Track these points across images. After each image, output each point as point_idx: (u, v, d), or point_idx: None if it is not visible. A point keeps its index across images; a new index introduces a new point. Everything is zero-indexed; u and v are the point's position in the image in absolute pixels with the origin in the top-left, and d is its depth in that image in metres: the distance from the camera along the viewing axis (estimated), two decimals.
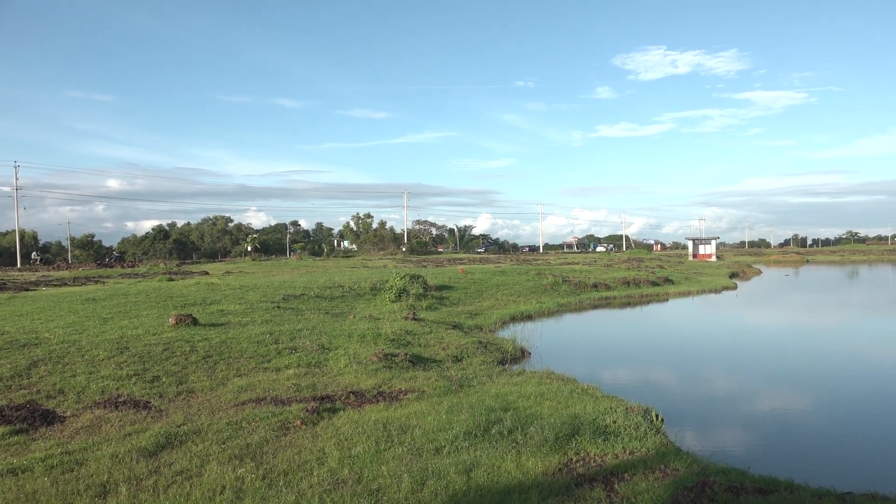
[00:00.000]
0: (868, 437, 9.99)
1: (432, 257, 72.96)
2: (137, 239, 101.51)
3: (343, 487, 6.53)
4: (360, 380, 11.77)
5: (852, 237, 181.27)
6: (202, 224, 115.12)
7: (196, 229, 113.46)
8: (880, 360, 16.29)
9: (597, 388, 11.48)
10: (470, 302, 27.16)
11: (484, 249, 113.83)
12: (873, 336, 21.04)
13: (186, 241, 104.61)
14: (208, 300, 21.91)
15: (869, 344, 19.15)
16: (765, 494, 6.19)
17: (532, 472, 6.93)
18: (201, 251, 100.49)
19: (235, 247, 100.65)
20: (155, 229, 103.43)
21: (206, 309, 19.88)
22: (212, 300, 21.96)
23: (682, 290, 38.07)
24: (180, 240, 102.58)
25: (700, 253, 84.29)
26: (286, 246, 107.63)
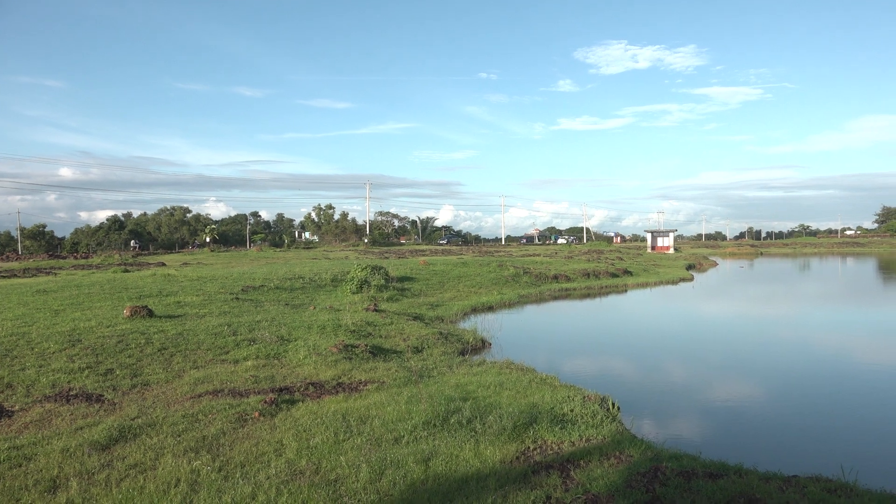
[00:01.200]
0: (815, 422, 10.32)
1: (394, 249, 72.81)
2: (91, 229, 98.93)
3: (301, 478, 6.50)
4: (320, 371, 11.71)
5: (804, 230, 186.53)
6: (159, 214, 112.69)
7: (153, 220, 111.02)
8: (827, 349, 16.83)
9: (555, 378, 11.62)
10: (431, 293, 27.19)
11: (446, 241, 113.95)
12: (821, 326, 21.72)
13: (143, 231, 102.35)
14: (165, 292, 21.50)
15: (817, 334, 19.76)
16: (715, 478, 6.36)
17: (490, 461, 6.99)
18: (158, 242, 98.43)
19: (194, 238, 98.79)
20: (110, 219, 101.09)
21: (162, 300, 19.52)
22: (168, 292, 21.56)
23: (641, 281, 38.70)
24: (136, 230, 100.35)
25: (658, 245, 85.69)
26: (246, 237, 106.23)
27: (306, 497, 6.02)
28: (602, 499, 5.85)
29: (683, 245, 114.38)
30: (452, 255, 55.02)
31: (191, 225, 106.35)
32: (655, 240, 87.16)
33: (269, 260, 45.00)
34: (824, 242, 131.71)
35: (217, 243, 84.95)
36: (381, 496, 6.06)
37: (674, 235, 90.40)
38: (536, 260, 46.10)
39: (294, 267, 34.04)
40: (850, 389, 12.48)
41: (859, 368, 14.43)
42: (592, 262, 45.81)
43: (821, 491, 6.21)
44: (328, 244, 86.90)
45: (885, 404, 11.33)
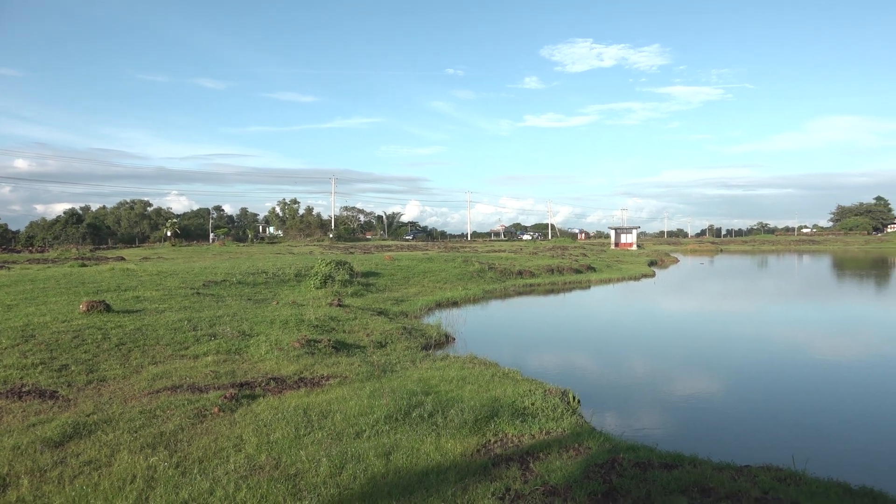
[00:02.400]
0: (769, 414, 10.59)
1: (360, 244, 72.44)
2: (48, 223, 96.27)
3: (260, 473, 6.45)
4: (282, 366, 11.62)
5: (763, 228, 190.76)
6: (119, 208, 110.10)
7: (112, 213, 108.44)
8: (782, 344, 17.28)
9: (518, 372, 11.73)
10: (396, 288, 27.16)
11: (412, 237, 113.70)
12: (776, 321, 22.28)
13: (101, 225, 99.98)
14: (123, 286, 21.07)
15: (772, 329, 20.27)
16: (670, 469, 6.50)
17: (451, 454, 7.03)
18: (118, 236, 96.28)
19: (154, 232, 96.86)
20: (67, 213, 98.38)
21: (120, 295, 19.12)
22: (127, 286, 21.12)
23: (604, 277, 39.20)
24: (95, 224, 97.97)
25: (622, 242, 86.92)
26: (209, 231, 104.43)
27: (265, 492, 5.98)
28: (560, 490, 5.93)
29: (646, 242, 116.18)
30: (418, 250, 54.96)
31: (151, 219, 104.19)
32: (619, 236, 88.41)
33: (231, 255, 44.39)
34: (782, 240, 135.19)
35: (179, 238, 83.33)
36: (341, 490, 6.05)
37: (637, 232, 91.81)
38: (501, 256, 46.35)
39: (257, 262, 33.65)
40: (803, 382, 12.83)
41: (813, 362, 14.84)
42: (557, 259, 46.24)
43: (771, 479, 6.39)
44: (293, 239, 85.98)
45: (836, 396, 11.68)
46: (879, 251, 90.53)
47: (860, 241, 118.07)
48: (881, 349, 16.42)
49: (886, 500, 6.08)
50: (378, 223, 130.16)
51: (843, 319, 22.70)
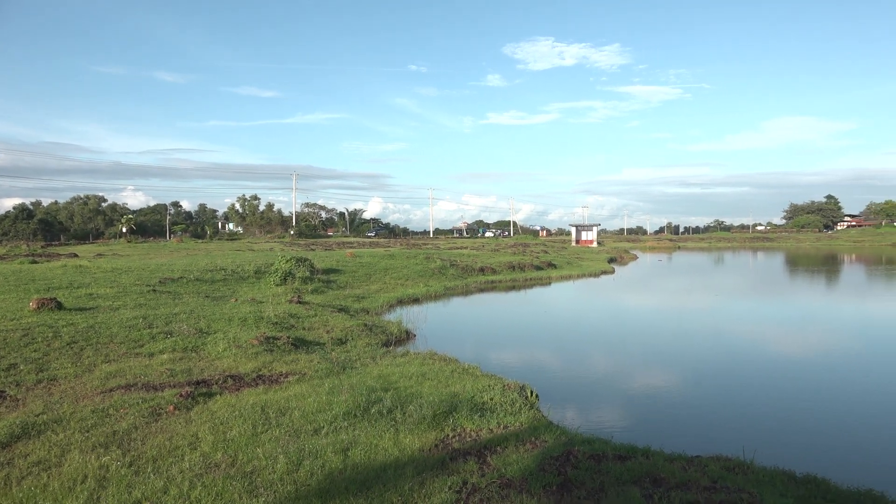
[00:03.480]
0: (722, 406, 10.88)
1: (321, 241, 71.90)
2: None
3: (216, 471, 6.39)
4: (240, 363, 11.49)
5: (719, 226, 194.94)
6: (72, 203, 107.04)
7: (65, 209, 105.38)
8: (735, 339, 17.73)
9: (477, 368, 11.81)
10: (358, 285, 27.05)
11: (374, 233, 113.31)
12: (731, 317, 22.84)
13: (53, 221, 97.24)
14: (76, 283, 20.55)
15: (726, 324, 20.78)
16: (623, 460, 6.64)
17: (409, 449, 7.06)
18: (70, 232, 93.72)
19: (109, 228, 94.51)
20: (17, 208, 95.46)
21: (73, 293, 18.65)
22: (80, 283, 20.61)
23: (564, 273, 39.64)
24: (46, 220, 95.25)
25: (582, 239, 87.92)
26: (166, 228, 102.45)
27: (221, 489, 5.93)
28: (516, 482, 6.01)
29: (606, 239, 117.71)
30: (380, 247, 54.76)
31: (106, 215, 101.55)
32: (579, 234, 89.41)
33: (189, 251, 43.61)
34: (737, 237, 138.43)
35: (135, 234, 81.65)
36: (297, 487, 6.03)
37: (597, 230, 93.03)
38: (463, 253, 46.50)
39: (216, 259, 33.14)
40: (754, 376, 13.19)
41: (763, 356, 15.27)
42: (518, 255, 46.57)
43: (720, 469, 6.58)
44: (253, 236, 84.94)
45: (785, 389, 12.04)
46: (829, 248, 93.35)
47: (812, 238, 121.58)
48: (828, 344, 16.97)
49: (828, 486, 6.31)
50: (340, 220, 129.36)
51: (794, 315, 23.38)
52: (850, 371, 13.47)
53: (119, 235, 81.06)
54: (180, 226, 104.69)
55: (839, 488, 6.29)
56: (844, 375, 13.05)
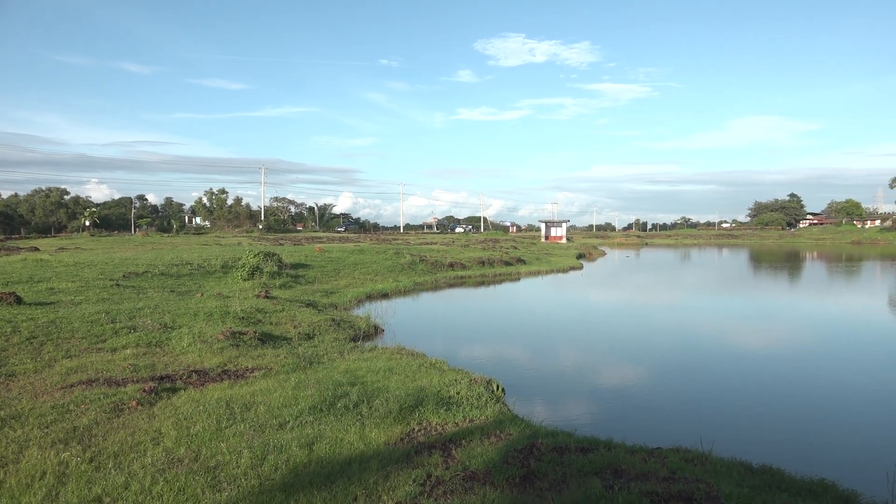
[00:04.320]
0: (684, 399, 11.09)
1: (290, 236, 71.34)
2: None
3: (179, 466, 6.34)
4: (205, 358, 11.38)
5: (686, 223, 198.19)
6: (33, 196, 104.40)
7: (26, 201, 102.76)
8: (699, 333, 18.08)
9: (444, 362, 11.87)
10: (326, 280, 26.92)
11: (344, 228, 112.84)
12: (694, 312, 23.26)
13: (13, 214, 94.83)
14: (36, 278, 20.12)
15: (690, 318, 21.16)
16: (585, 452, 6.75)
17: (374, 443, 7.09)
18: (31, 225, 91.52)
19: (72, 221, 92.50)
20: None
21: (32, 287, 18.27)
22: (40, 278, 20.19)
23: (533, 269, 39.92)
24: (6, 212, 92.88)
25: (552, 235, 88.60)
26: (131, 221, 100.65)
27: (183, 484, 5.89)
28: (480, 475, 6.07)
29: (576, 235, 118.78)
30: (350, 242, 54.58)
31: (69, 208, 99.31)
32: (549, 230, 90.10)
33: (155, 245, 42.95)
34: (703, 234, 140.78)
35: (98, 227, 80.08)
36: (262, 481, 6.01)
37: (566, 226, 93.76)
38: (433, 248, 46.54)
39: (182, 253, 32.68)
40: (715, 369, 13.46)
41: (724, 350, 15.59)
42: (488, 251, 46.77)
43: (679, 460, 6.73)
44: (220, 230, 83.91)
45: (744, 382, 12.30)
46: (792, 245, 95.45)
47: (775, 235, 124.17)
48: (786, 339, 17.38)
49: (783, 476, 6.49)
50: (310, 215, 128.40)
51: (754, 311, 23.88)
52: (807, 364, 13.83)
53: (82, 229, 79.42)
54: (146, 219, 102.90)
55: (793, 478, 6.47)
56: (801, 369, 13.39)
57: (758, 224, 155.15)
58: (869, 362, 14.05)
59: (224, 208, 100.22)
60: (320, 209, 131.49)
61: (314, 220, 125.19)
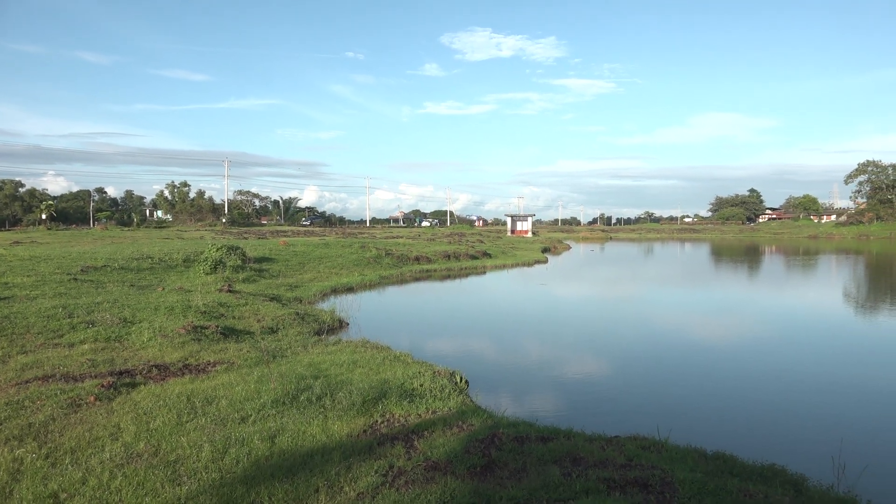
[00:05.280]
0: (640, 389, 11.31)
1: (255, 229, 70.54)
2: None
3: (138, 461, 6.28)
4: (166, 353, 11.25)
5: (649, 217, 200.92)
6: None
7: None
8: (660, 325, 18.42)
9: (409, 355, 11.91)
10: (291, 274, 26.73)
11: (310, 222, 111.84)
12: (655, 304, 23.69)
13: None
14: None
15: (651, 311, 21.54)
16: (545, 441, 6.87)
17: (337, 435, 7.11)
18: None
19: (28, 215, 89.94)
20: None
21: None
22: None
23: (499, 263, 40.17)
24: None
25: (518, 229, 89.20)
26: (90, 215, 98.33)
27: (142, 479, 5.84)
28: (441, 465, 6.14)
29: (541, 229, 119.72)
30: (315, 236, 54.19)
31: (24, 200, 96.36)
32: (515, 224, 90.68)
33: (115, 239, 42.08)
34: (666, 228, 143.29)
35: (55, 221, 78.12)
36: (223, 474, 5.99)
37: (532, 220, 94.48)
38: (399, 242, 46.49)
39: (143, 247, 32.11)
40: (673, 359, 13.76)
41: (685, 341, 15.93)
42: (454, 245, 46.90)
43: (636, 448, 6.89)
44: (182, 224, 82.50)
45: (702, 371, 12.60)
46: (752, 239, 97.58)
47: (735, 230, 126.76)
48: (743, 330, 17.82)
49: (735, 461, 6.70)
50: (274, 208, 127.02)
51: (713, 303, 24.42)
52: (762, 354, 14.20)
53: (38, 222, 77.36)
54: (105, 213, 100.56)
55: (745, 463, 6.68)
56: (756, 359, 13.74)
57: (719, 219, 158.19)
58: (819, 352, 14.49)
59: (186, 202, 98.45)
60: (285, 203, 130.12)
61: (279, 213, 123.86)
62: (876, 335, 16.91)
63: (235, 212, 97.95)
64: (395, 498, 5.42)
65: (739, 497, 5.55)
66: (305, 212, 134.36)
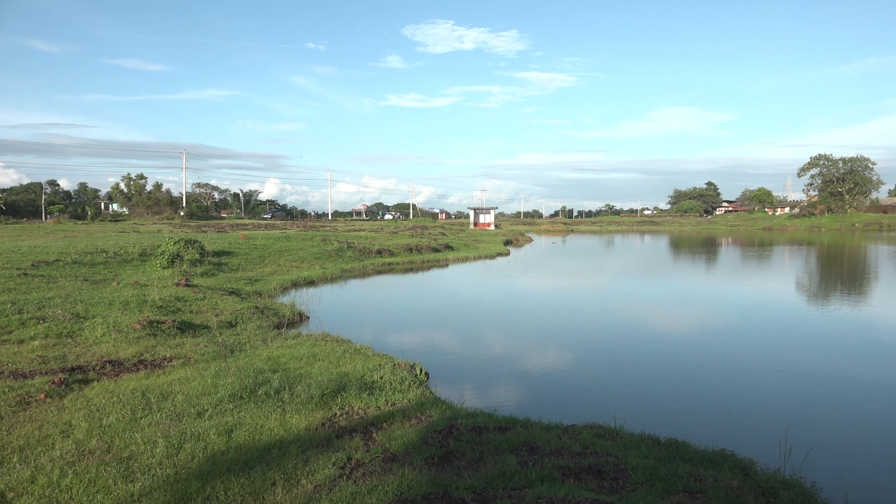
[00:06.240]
0: (598, 379, 11.49)
1: (214, 223, 69.38)
2: None
3: (90, 458, 6.17)
4: (120, 349, 11.03)
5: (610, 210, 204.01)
6: None
7: None
8: (617, 315, 18.72)
9: (369, 348, 11.90)
10: (251, 268, 26.40)
11: (270, 215, 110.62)
12: (613, 295, 24.05)
13: None
14: None
15: (609, 302, 21.87)
16: (503, 431, 6.94)
17: (295, 429, 7.08)
18: None
19: None
20: None
21: None
22: None
23: (461, 256, 40.28)
24: None
25: (480, 222, 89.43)
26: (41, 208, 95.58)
27: (94, 476, 5.74)
28: (399, 456, 6.17)
29: (504, 222, 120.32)
30: (276, 229, 53.56)
31: None
32: (478, 217, 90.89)
33: (68, 233, 40.95)
34: (626, 221, 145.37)
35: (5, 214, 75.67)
36: (177, 469, 5.92)
37: (495, 213, 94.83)
38: (361, 235, 46.26)
39: (97, 240, 31.30)
40: (632, 348, 14.00)
41: (641, 331, 16.22)
42: (416, 238, 46.85)
43: (592, 436, 7.02)
44: (139, 217, 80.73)
45: (656, 360, 12.85)
46: (709, 232, 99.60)
47: (693, 222, 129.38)
48: (699, 319, 18.23)
49: (687, 447, 6.87)
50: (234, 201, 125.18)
51: (670, 294, 24.90)
52: (716, 343, 14.55)
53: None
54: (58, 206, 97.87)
55: (696, 449, 6.86)
56: (710, 347, 14.08)
57: (677, 211, 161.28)
58: (770, 340, 14.90)
59: (143, 194, 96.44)
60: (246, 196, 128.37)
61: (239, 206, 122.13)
62: (824, 323, 17.45)
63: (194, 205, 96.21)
64: (353, 490, 5.43)
65: (689, 482, 5.70)
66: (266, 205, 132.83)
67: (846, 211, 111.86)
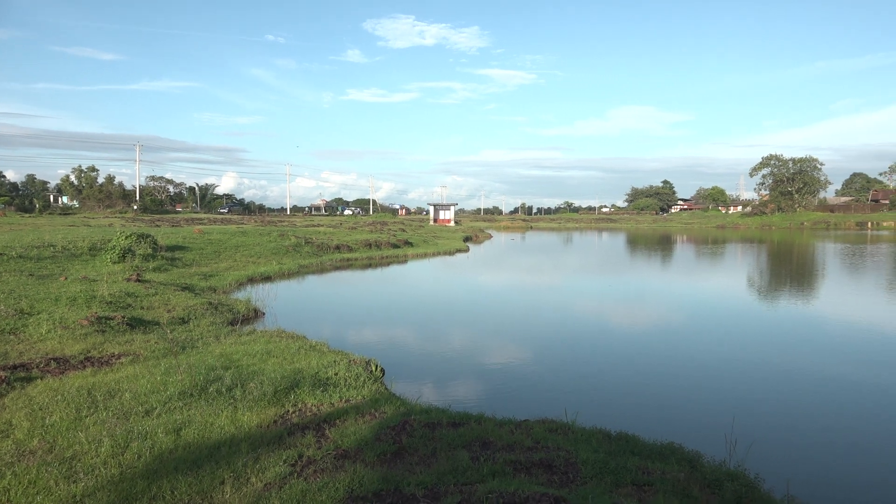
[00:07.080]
0: (552, 374, 11.63)
1: (168, 217, 67.96)
2: None
3: (30, 458, 5.99)
4: (66, 346, 10.73)
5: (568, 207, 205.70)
6: None
7: None
8: (572, 311, 18.95)
9: (325, 344, 11.81)
10: (205, 263, 25.93)
11: (227, 210, 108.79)
12: (573, 292, 24.34)
13: None
14: None
15: (568, 299, 22.14)
16: (456, 427, 6.97)
17: (246, 426, 6.98)
18: None
19: None
20: None
21: None
22: None
23: (420, 252, 40.26)
24: None
25: (440, 218, 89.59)
26: None
27: (34, 477, 5.56)
28: (351, 453, 6.14)
29: (464, 218, 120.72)
30: (233, 224, 52.73)
31: None
32: (438, 213, 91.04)
33: (14, 226, 39.58)
34: (584, 218, 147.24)
35: None
36: (123, 469, 5.79)
37: (455, 209, 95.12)
38: (320, 230, 45.85)
39: (45, 234, 30.34)
40: (585, 344, 14.21)
41: (597, 327, 16.46)
42: (375, 233, 46.66)
43: (544, 431, 7.09)
44: (90, 210, 78.51)
45: (609, 356, 13.07)
46: (665, 229, 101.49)
47: (649, 220, 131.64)
48: (651, 315, 18.58)
49: (636, 441, 7.00)
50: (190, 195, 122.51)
51: (625, 290, 25.31)
52: (667, 339, 14.85)
53: None
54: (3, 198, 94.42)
55: (645, 442, 6.99)
56: (661, 343, 14.36)
57: (634, 209, 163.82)
58: (719, 335, 15.27)
59: (94, 187, 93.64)
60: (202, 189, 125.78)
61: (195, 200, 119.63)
62: (771, 318, 17.96)
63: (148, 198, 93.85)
64: (303, 487, 5.38)
65: (638, 475, 5.81)
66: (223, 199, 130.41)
67: (795, 210, 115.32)
